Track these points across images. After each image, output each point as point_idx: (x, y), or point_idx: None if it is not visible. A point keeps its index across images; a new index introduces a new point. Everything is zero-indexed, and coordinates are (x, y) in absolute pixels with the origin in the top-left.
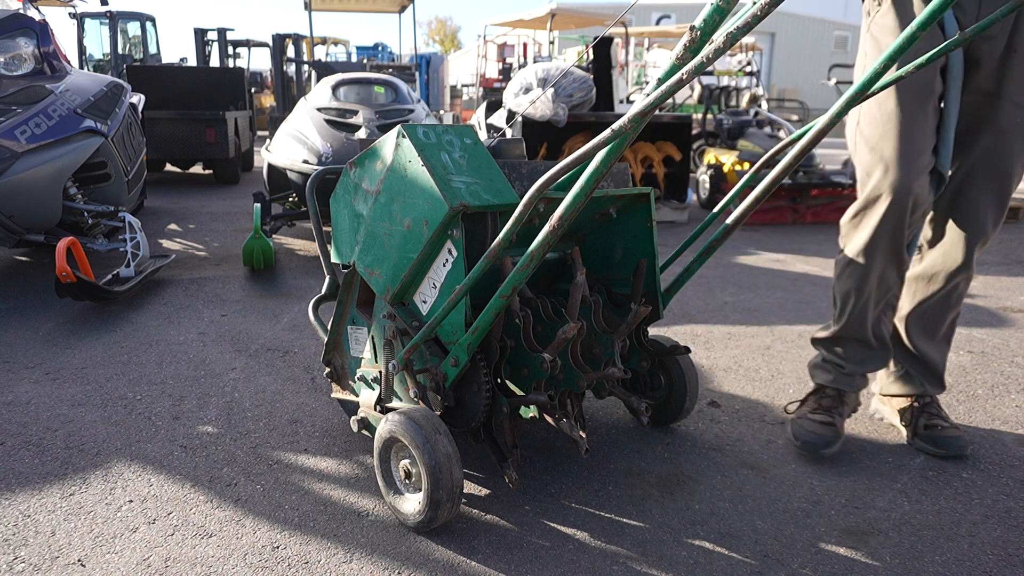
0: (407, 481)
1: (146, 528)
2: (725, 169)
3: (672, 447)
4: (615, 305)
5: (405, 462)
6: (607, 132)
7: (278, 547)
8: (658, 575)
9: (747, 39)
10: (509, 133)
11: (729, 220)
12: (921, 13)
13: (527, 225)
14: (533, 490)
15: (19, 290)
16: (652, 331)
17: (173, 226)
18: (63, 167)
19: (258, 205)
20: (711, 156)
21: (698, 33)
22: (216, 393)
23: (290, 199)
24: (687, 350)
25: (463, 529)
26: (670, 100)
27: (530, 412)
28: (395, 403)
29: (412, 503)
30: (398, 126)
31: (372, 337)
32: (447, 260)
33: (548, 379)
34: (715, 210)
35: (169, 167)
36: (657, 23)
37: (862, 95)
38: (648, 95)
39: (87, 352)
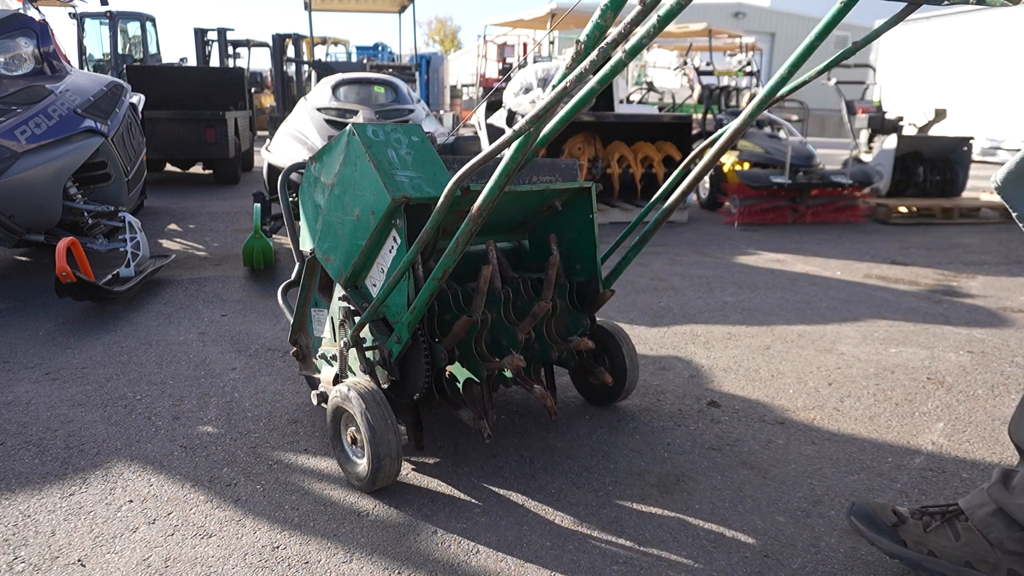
0: (354, 447)
1: (146, 528)
2: (725, 169)
3: (672, 447)
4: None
5: (352, 429)
6: (509, 132)
7: (278, 547)
8: (658, 575)
9: (747, 39)
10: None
11: (658, 214)
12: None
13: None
14: (533, 490)
15: (19, 290)
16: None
17: (173, 226)
18: (63, 167)
19: (258, 205)
20: None
21: (582, 46)
22: (216, 393)
23: (290, 199)
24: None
25: (463, 529)
26: (669, 100)
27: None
28: (350, 378)
29: (359, 466)
30: (349, 124)
31: (331, 318)
32: (392, 247)
33: (523, 350)
34: (650, 202)
35: (169, 167)
36: None
37: (771, 99)
38: (542, 100)
39: (87, 352)
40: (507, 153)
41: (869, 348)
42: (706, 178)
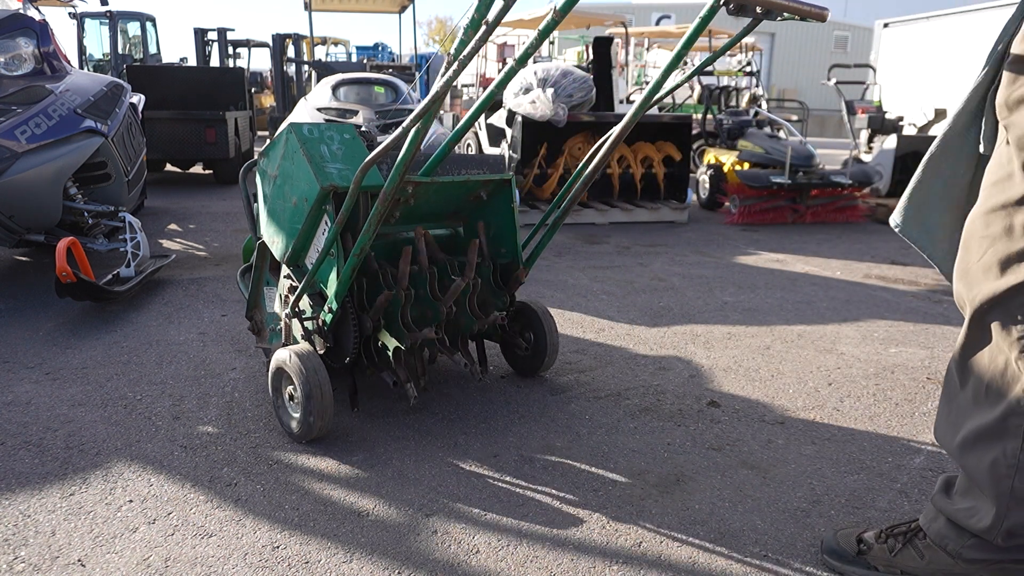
0: (292, 402)
1: (146, 528)
2: (725, 169)
3: (672, 447)
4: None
5: (290, 388)
6: (399, 131)
7: (278, 547)
8: (658, 575)
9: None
10: (509, 133)
11: (566, 202)
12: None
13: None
14: (533, 490)
15: (19, 290)
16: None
17: (173, 226)
18: (63, 167)
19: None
20: (711, 156)
21: (452, 57)
22: (216, 393)
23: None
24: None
25: (463, 529)
26: (669, 100)
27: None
28: (292, 345)
29: (294, 419)
30: (288, 123)
31: (279, 294)
32: (324, 230)
33: (449, 323)
34: (561, 191)
35: (169, 167)
36: (657, 23)
37: (652, 97)
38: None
39: (87, 352)
40: (404, 146)
41: (869, 348)
42: (706, 178)
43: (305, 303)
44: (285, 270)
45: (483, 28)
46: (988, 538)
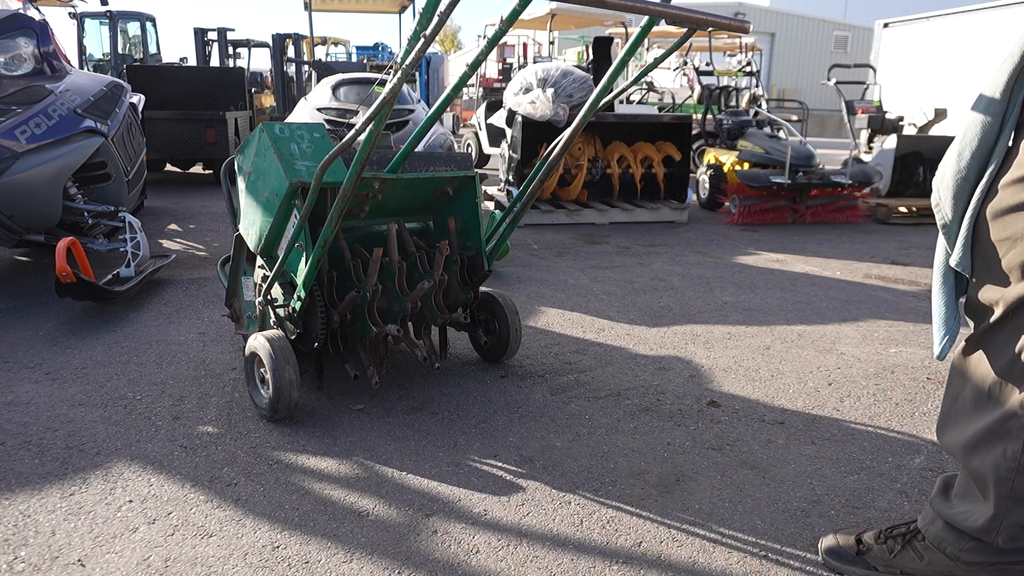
0: (263, 385)
1: (146, 528)
2: (725, 169)
3: (672, 447)
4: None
5: (261, 369)
6: (352, 132)
7: (278, 547)
8: (658, 575)
9: (748, 39)
10: (509, 133)
11: (525, 195)
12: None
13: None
14: (533, 490)
15: (19, 290)
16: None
17: (173, 226)
18: (63, 167)
19: None
20: (711, 156)
21: (397, 64)
22: (216, 393)
23: None
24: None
25: (463, 529)
26: (669, 100)
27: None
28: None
29: (265, 398)
30: (261, 123)
31: (254, 283)
32: (293, 223)
33: (414, 316)
34: (522, 187)
35: (169, 167)
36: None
37: (601, 100)
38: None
39: (87, 352)
40: (361, 144)
41: (869, 348)
42: (706, 178)
43: (277, 291)
44: (260, 260)
45: (421, 40)
46: (986, 538)
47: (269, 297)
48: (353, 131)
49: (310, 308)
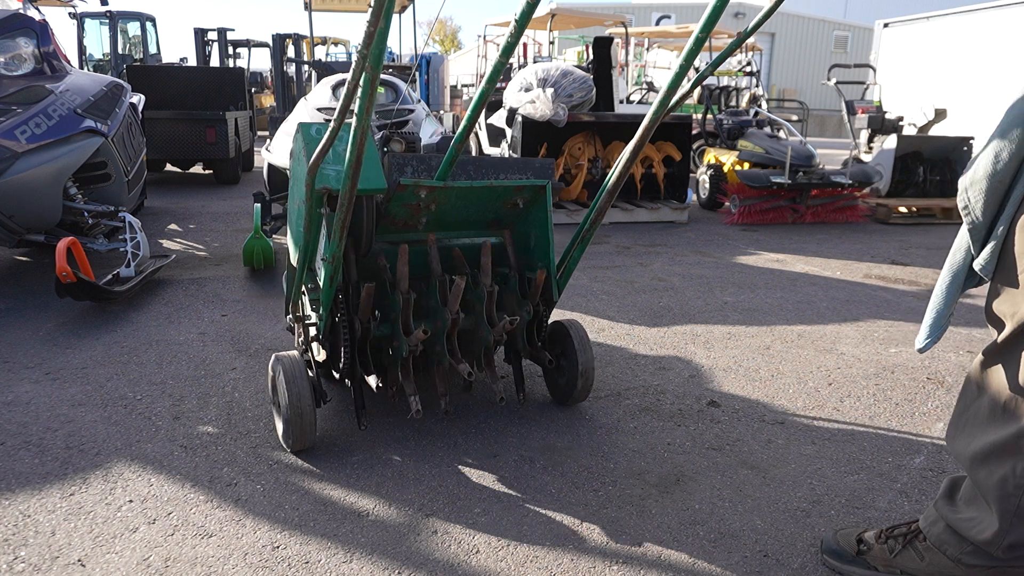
0: (278, 410)
1: (146, 528)
2: (725, 169)
3: (672, 447)
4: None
5: (276, 395)
6: (327, 134)
7: (278, 547)
8: (658, 575)
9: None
10: (509, 133)
11: (592, 212)
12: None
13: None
14: (533, 490)
15: (19, 290)
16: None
17: (173, 226)
18: (63, 167)
19: (258, 205)
20: (711, 156)
21: (370, 66)
22: (216, 393)
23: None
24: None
25: (463, 529)
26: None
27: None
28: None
29: (279, 427)
30: (299, 122)
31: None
32: (323, 234)
33: (464, 333)
34: (592, 204)
35: (169, 167)
36: (657, 23)
37: (665, 106)
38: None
39: (87, 352)
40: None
41: (869, 348)
42: (706, 178)
43: (307, 308)
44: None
45: (362, 61)
46: (988, 551)
47: (299, 314)
48: (331, 126)
49: (335, 327)
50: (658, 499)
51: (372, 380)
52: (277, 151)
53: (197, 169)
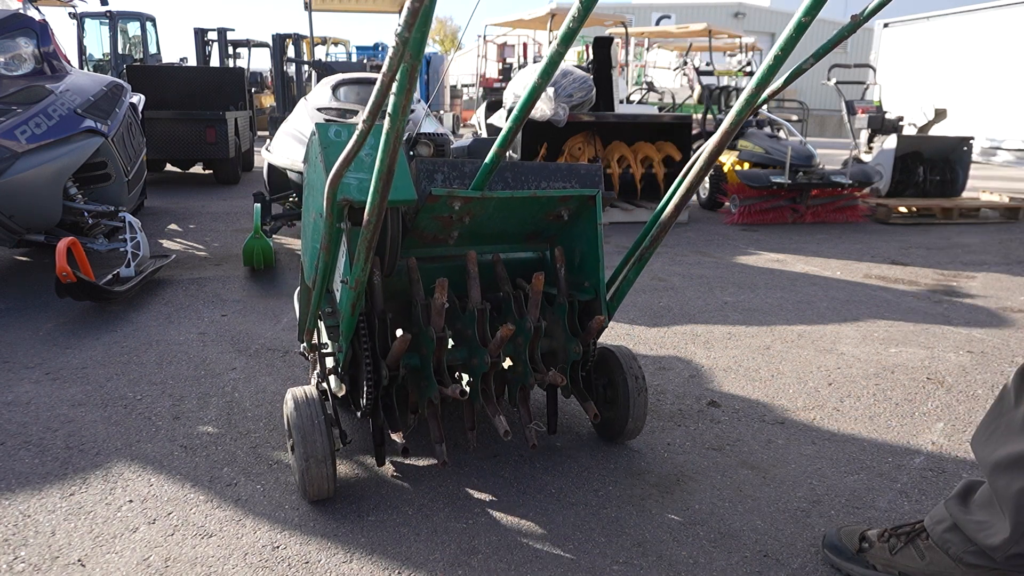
0: (292, 453)
1: (146, 528)
2: (725, 169)
3: (672, 447)
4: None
5: (290, 440)
6: (358, 131)
7: (278, 547)
8: (658, 575)
9: (748, 39)
10: None
11: (654, 230)
12: None
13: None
14: (533, 490)
15: (19, 290)
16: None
17: (173, 226)
18: (63, 167)
19: (258, 205)
20: None
21: (410, 55)
22: (216, 393)
23: (290, 199)
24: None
25: (463, 529)
26: (669, 100)
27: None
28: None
29: (295, 472)
30: (316, 123)
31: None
32: (343, 252)
33: (501, 375)
34: (651, 218)
35: (169, 167)
36: (657, 23)
37: (755, 100)
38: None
39: (87, 352)
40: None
41: (869, 348)
42: (706, 178)
43: (324, 336)
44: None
45: (401, 47)
46: (992, 555)
47: (314, 341)
48: (358, 129)
49: (357, 361)
50: (658, 499)
51: (397, 437)
52: (277, 151)
53: (197, 169)
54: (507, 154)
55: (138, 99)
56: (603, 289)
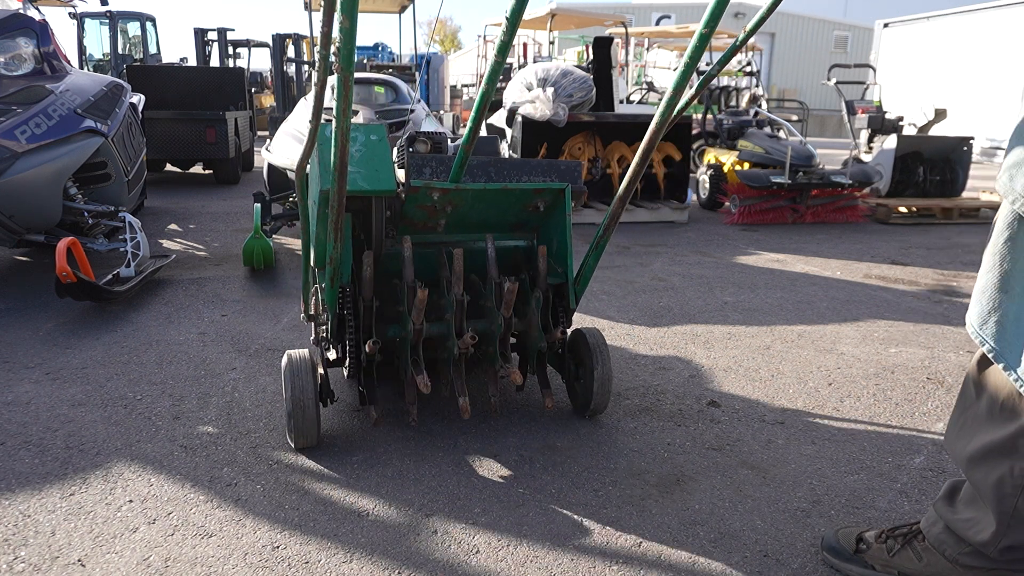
0: (286, 405)
1: (146, 528)
2: (725, 169)
3: (672, 447)
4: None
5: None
6: (311, 129)
7: (278, 547)
8: (658, 575)
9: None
10: (509, 133)
11: (605, 219)
12: None
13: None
14: (533, 490)
15: (19, 290)
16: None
17: (173, 226)
18: (63, 167)
19: (258, 205)
20: (711, 156)
21: (340, 67)
22: (216, 393)
23: (290, 199)
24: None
25: (463, 529)
26: None
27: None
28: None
29: (288, 424)
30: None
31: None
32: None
33: (474, 356)
34: (608, 210)
35: (169, 167)
36: (657, 23)
37: (669, 114)
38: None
39: (87, 352)
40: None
41: (869, 348)
42: (706, 178)
43: (319, 307)
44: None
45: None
46: (985, 552)
47: (310, 313)
48: (311, 128)
49: (341, 333)
50: (658, 499)
51: (373, 412)
52: (277, 151)
53: (197, 169)
54: (507, 154)
55: (138, 99)
56: (571, 273)
